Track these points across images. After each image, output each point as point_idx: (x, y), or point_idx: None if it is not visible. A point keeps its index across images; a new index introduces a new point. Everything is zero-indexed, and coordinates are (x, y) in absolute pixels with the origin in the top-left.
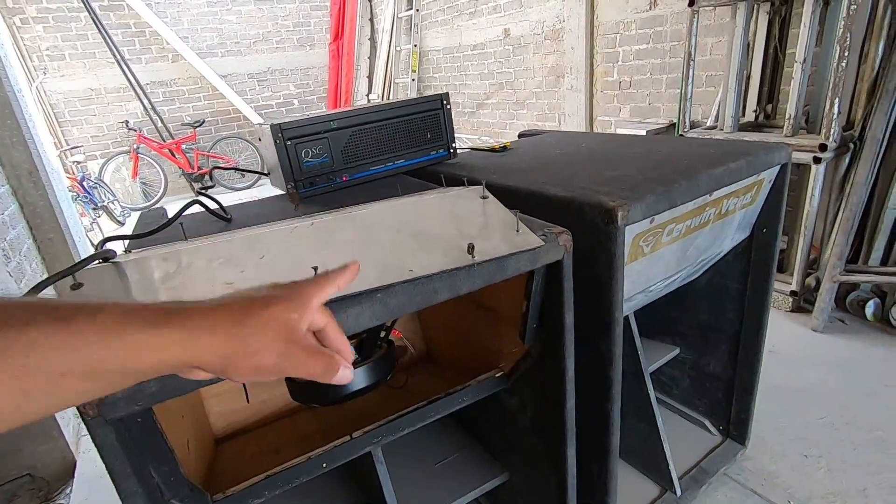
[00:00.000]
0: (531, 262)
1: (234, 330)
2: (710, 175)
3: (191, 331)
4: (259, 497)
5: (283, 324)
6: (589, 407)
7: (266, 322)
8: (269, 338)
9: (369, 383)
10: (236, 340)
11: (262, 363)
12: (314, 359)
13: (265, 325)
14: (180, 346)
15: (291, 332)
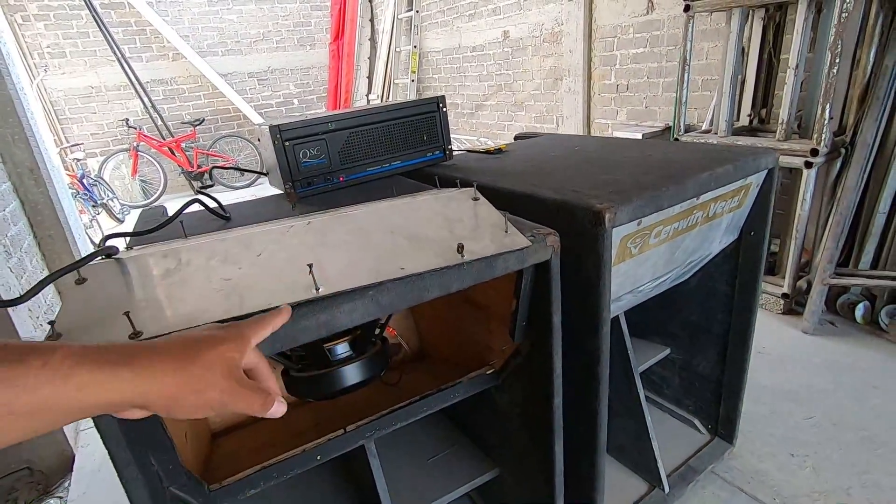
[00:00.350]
0: (519, 261)
1: (181, 370)
2: (697, 179)
3: (139, 373)
4: (255, 487)
5: (226, 362)
6: (577, 404)
7: (212, 361)
8: (214, 376)
9: (363, 378)
10: (183, 380)
11: (206, 400)
12: (253, 394)
13: (211, 364)
14: (129, 386)
15: (233, 369)
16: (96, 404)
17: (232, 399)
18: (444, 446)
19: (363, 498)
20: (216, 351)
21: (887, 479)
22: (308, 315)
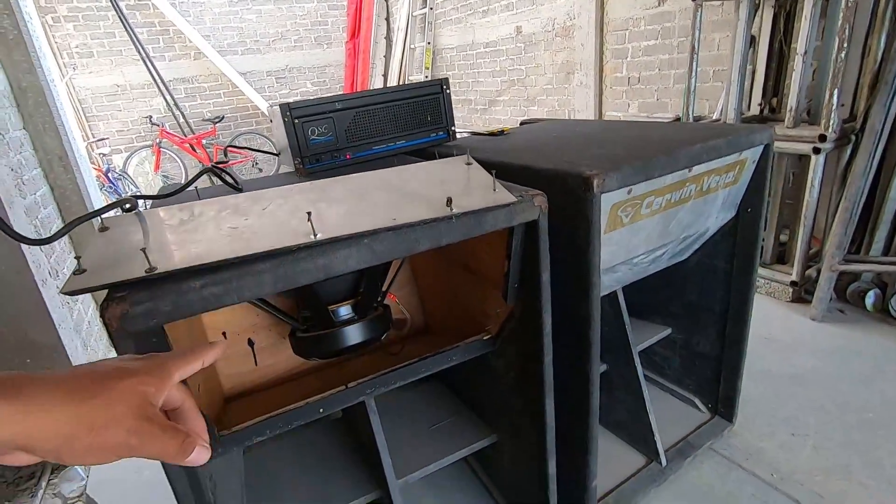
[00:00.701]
0: (507, 219)
1: (77, 407)
2: (688, 151)
3: (20, 408)
4: (261, 435)
5: (137, 397)
6: (571, 369)
7: (118, 395)
8: (118, 412)
9: (364, 339)
10: (77, 417)
11: (107, 441)
12: (168, 436)
13: (117, 399)
14: (9, 424)
15: (145, 406)
16: None
17: (141, 441)
18: (446, 416)
19: (367, 459)
20: (124, 384)
21: (889, 458)
22: (307, 258)
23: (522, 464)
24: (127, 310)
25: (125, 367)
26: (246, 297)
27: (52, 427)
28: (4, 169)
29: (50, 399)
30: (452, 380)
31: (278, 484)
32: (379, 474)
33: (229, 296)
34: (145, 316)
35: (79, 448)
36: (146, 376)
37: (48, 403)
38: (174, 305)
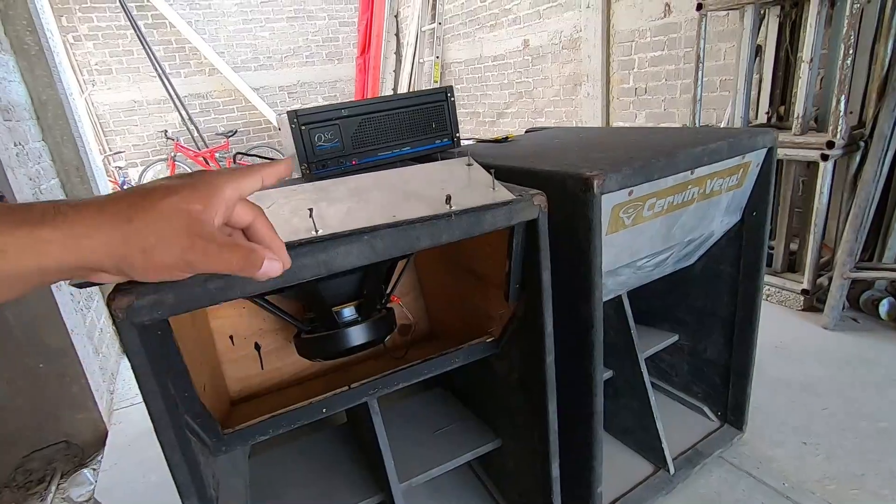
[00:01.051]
0: (507, 218)
1: (120, 227)
2: (689, 153)
3: (67, 231)
4: (264, 434)
5: (184, 215)
6: (574, 373)
7: (162, 214)
8: (168, 231)
9: (367, 340)
10: (125, 238)
11: (163, 260)
12: (229, 252)
13: (161, 218)
14: (58, 247)
15: (196, 224)
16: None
17: (199, 258)
18: (449, 421)
19: (370, 463)
20: (165, 202)
21: None
22: (309, 254)
23: (526, 467)
24: (133, 301)
25: (168, 186)
26: (248, 291)
27: (104, 249)
28: (23, 178)
29: (94, 222)
30: (456, 385)
31: (282, 487)
32: (382, 477)
33: (233, 290)
34: (150, 308)
35: (138, 267)
36: (190, 192)
37: (93, 227)
38: (179, 298)
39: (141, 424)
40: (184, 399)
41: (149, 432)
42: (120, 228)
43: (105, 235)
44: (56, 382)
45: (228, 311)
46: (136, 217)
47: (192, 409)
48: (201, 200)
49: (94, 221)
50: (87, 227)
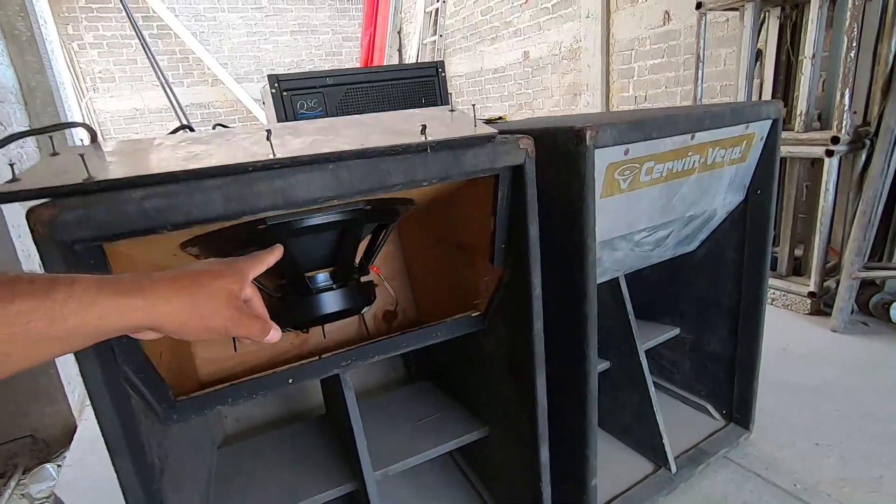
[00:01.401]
0: (490, 159)
1: (187, 300)
2: (689, 116)
3: (152, 301)
4: (222, 403)
5: (227, 294)
6: (566, 353)
7: (215, 292)
8: (217, 305)
9: (341, 308)
10: (189, 309)
11: (211, 325)
12: (253, 322)
13: (215, 294)
14: (142, 313)
15: (234, 300)
16: (114, 329)
17: (235, 326)
18: (435, 412)
19: (345, 452)
20: (218, 283)
21: None
22: (264, 180)
23: (514, 456)
24: (56, 214)
25: (214, 269)
26: (194, 216)
27: (173, 314)
28: (2, 159)
29: (167, 294)
30: (443, 377)
31: (248, 476)
32: (355, 464)
33: (174, 212)
34: (77, 224)
35: (192, 329)
36: (231, 277)
37: (167, 297)
38: (111, 215)
39: None
40: (122, 347)
41: None
42: (187, 300)
43: (176, 304)
44: (23, 374)
45: None
46: (197, 292)
47: (134, 361)
48: (237, 282)
49: (167, 294)
50: (164, 298)
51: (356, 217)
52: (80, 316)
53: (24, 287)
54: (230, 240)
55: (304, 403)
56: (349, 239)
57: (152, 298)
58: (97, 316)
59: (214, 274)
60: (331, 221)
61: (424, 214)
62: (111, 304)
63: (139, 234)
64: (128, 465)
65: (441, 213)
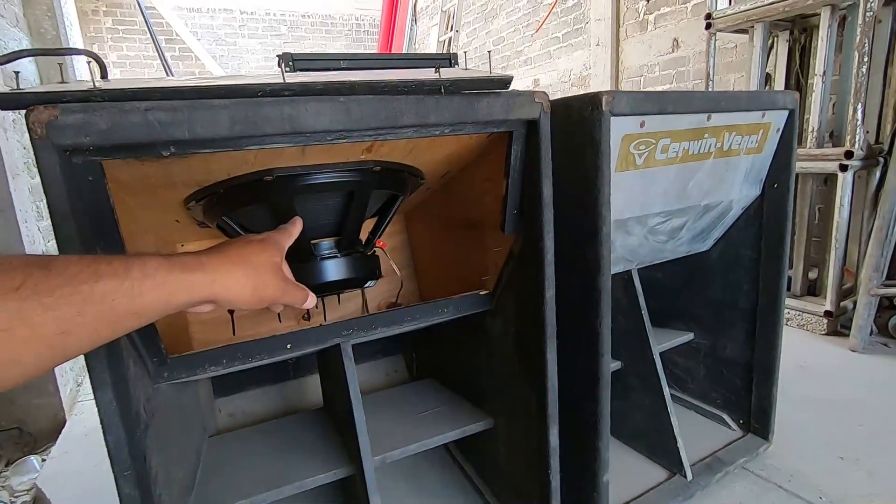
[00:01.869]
0: (504, 109)
1: (241, 274)
2: (706, 95)
3: (213, 276)
4: (216, 365)
5: (274, 266)
6: (577, 334)
7: (264, 265)
8: (268, 278)
9: (343, 276)
10: (244, 281)
11: (263, 296)
12: (297, 290)
13: (263, 268)
14: (206, 287)
15: (279, 271)
16: (183, 303)
17: (283, 294)
18: (439, 405)
19: (343, 438)
20: (263, 256)
21: None
22: (272, 105)
23: (520, 445)
24: (56, 116)
25: (257, 246)
26: (198, 134)
27: (232, 287)
28: (15, 143)
29: (225, 269)
30: (445, 375)
31: (240, 462)
32: (352, 447)
33: (178, 127)
34: (77, 129)
35: (246, 299)
36: (273, 250)
37: (225, 272)
38: (112, 124)
39: None
40: None
41: None
42: (241, 273)
43: (231, 277)
44: None
45: None
46: (248, 266)
47: None
48: (278, 254)
49: (223, 268)
50: (221, 272)
51: (364, 179)
52: (155, 292)
53: (104, 268)
54: (236, 194)
55: (299, 400)
56: (356, 205)
57: (213, 274)
58: (169, 292)
59: (258, 249)
60: (339, 181)
61: (432, 199)
62: (180, 281)
63: (141, 149)
64: (110, 400)
65: (449, 193)
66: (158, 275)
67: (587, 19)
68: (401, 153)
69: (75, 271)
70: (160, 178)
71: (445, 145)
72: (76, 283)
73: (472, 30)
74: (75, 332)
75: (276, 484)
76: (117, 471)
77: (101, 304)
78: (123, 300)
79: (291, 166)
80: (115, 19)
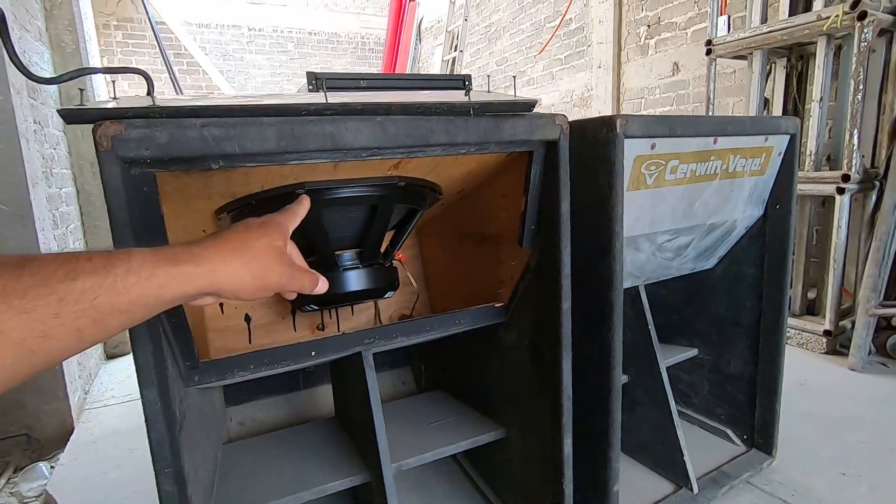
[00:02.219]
0: (527, 130)
1: (240, 261)
2: (712, 119)
3: (208, 266)
4: (244, 369)
5: (276, 250)
6: (589, 342)
7: (264, 250)
8: (269, 262)
9: (365, 287)
10: (243, 269)
11: (266, 283)
12: (305, 275)
13: (264, 253)
14: (201, 279)
15: (282, 255)
16: (176, 297)
17: (289, 280)
18: (450, 416)
19: (358, 446)
20: (264, 240)
21: None
22: (316, 122)
23: (533, 455)
24: (121, 130)
25: (256, 230)
26: (248, 149)
27: (231, 276)
28: (35, 153)
29: (222, 258)
30: (454, 386)
31: (254, 468)
32: (369, 454)
33: (230, 142)
34: (139, 142)
35: (249, 288)
36: (274, 233)
37: (222, 261)
38: (171, 138)
39: (111, 425)
40: None
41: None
42: (240, 261)
43: (230, 266)
44: None
45: None
46: (247, 252)
47: None
48: (281, 238)
49: (219, 256)
50: (217, 261)
51: (389, 194)
52: (140, 288)
53: (84, 265)
54: (268, 206)
55: (309, 410)
56: (379, 218)
57: (207, 264)
58: (157, 286)
59: (258, 233)
60: (365, 195)
61: (445, 214)
62: (170, 274)
63: (193, 161)
64: (155, 399)
65: (465, 207)
66: (144, 269)
67: (589, 42)
68: (425, 170)
69: (51, 270)
70: (199, 188)
71: (466, 163)
72: (51, 282)
73: (475, 50)
74: (55, 333)
75: (295, 489)
76: (158, 467)
77: (80, 303)
78: (106, 298)
79: (322, 180)
80: (125, 33)
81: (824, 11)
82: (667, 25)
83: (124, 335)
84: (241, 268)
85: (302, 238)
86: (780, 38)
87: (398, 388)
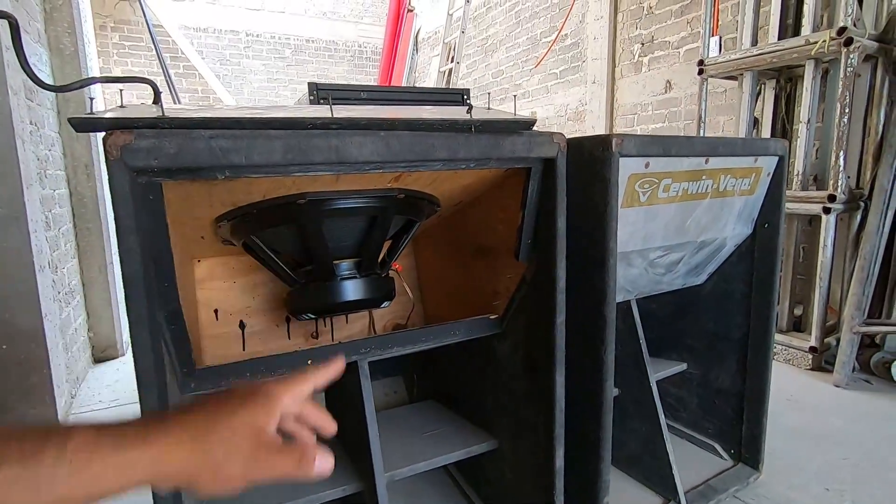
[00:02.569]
0: (526, 147)
1: (196, 446)
2: (705, 140)
3: (154, 453)
4: (240, 376)
5: (249, 429)
6: (582, 355)
7: (234, 430)
8: (235, 445)
9: (362, 297)
10: (198, 456)
11: (228, 474)
12: (282, 456)
13: (233, 434)
14: (144, 469)
15: (259, 435)
16: (110, 491)
17: (258, 467)
18: (441, 426)
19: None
20: (237, 420)
21: None
22: (321, 136)
23: (525, 467)
24: (131, 140)
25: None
26: (255, 160)
27: (179, 466)
28: (31, 154)
29: (177, 440)
30: (451, 394)
31: None
32: (362, 463)
33: (237, 154)
34: (148, 152)
35: (206, 482)
36: (254, 407)
37: (176, 444)
38: (180, 149)
39: None
40: (162, 290)
41: None
42: (198, 446)
43: (185, 453)
44: (15, 369)
45: (218, 284)
46: (212, 434)
47: (168, 306)
48: (266, 413)
49: (177, 439)
50: (172, 445)
51: (387, 206)
52: (69, 483)
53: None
54: (268, 215)
55: None
56: (377, 229)
57: (156, 449)
58: (90, 479)
59: (234, 405)
60: (365, 206)
61: (440, 225)
62: (109, 462)
63: (201, 172)
64: (155, 405)
65: (463, 219)
66: (80, 457)
67: (584, 58)
68: (424, 183)
69: None
70: (202, 197)
71: (465, 177)
72: None
73: (472, 62)
74: None
75: (287, 498)
76: None
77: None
78: (23, 494)
79: (323, 191)
80: (121, 35)
81: (812, 36)
82: (660, 44)
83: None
84: (195, 455)
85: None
86: (770, 60)
87: (390, 397)
